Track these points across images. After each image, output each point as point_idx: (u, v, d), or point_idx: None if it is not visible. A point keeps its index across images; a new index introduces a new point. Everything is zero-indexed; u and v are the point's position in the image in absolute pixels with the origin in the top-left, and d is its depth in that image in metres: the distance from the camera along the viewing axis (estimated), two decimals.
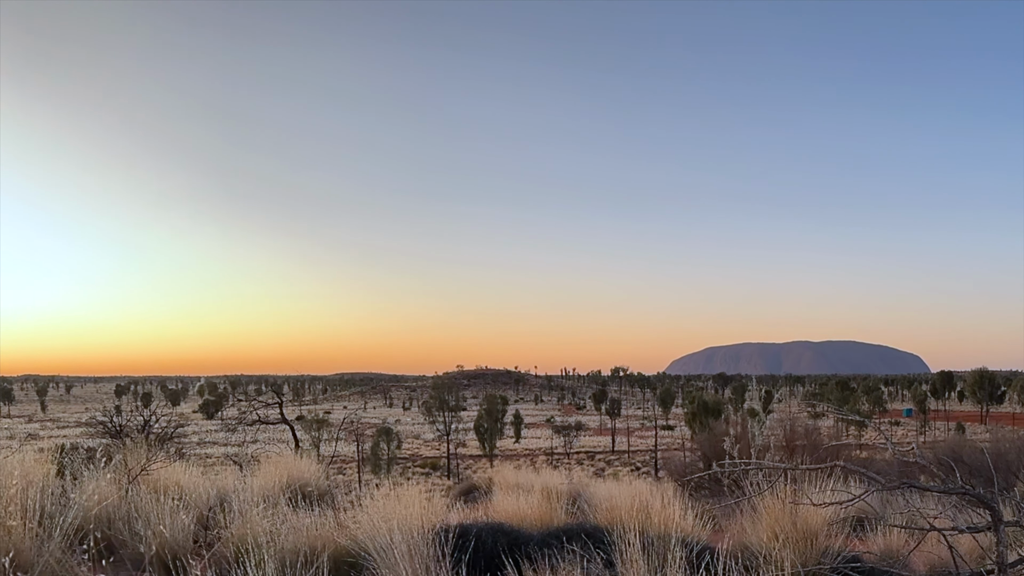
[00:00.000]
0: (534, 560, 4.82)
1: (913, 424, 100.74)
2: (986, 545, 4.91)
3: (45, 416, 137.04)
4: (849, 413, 7.36)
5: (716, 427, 22.57)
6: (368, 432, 63.22)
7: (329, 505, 7.07)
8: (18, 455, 6.67)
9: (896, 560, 5.26)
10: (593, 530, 5.66)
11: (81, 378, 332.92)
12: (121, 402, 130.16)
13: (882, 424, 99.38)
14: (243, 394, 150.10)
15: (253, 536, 5.18)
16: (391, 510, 5.48)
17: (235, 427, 21.64)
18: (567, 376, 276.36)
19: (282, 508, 5.87)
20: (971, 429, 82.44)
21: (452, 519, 6.46)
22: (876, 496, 6.45)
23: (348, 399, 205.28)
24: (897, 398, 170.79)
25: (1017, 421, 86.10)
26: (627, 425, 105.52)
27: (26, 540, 4.98)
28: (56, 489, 6.09)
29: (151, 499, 5.88)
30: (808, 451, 13.79)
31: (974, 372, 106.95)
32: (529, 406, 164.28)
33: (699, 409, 53.67)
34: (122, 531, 5.64)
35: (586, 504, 7.83)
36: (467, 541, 5.26)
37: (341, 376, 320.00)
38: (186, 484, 6.96)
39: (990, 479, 4.75)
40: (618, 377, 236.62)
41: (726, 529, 6.52)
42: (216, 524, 5.94)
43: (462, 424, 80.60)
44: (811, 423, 22.96)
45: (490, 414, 73.85)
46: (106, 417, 12.56)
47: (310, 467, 8.62)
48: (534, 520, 6.56)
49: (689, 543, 5.01)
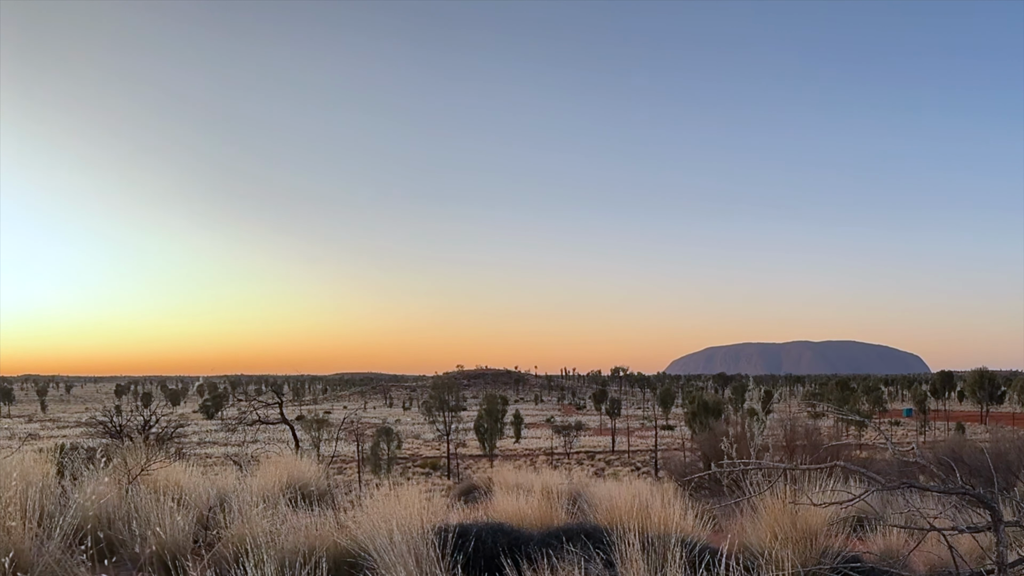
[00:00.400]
0: (534, 560, 4.81)
1: (913, 424, 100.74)
2: (986, 545, 4.91)
3: (45, 416, 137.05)
4: (849, 413, 7.32)
5: (716, 427, 22.55)
6: (368, 432, 63.19)
7: (329, 505, 7.07)
8: (18, 455, 6.67)
9: (896, 560, 5.26)
10: (593, 530, 5.65)
11: (81, 378, 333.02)
12: (121, 402, 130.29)
13: (882, 424, 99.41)
14: (243, 394, 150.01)
15: (253, 536, 5.18)
16: (391, 510, 5.48)
17: (235, 427, 21.63)
18: (567, 376, 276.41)
19: (282, 508, 5.87)
20: (971, 429, 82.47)
21: (452, 519, 6.46)
22: (876, 496, 6.45)
23: (348, 399, 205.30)
24: (897, 398, 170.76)
25: (1017, 421, 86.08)
26: (627, 425, 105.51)
27: (26, 540, 4.98)
28: (56, 489, 6.09)
29: (151, 499, 5.89)
30: (808, 451, 13.78)
31: (974, 372, 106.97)
32: (529, 406, 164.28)
33: (699, 409, 53.74)
34: (122, 531, 5.64)
35: (586, 504, 7.82)
36: (467, 541, 5.26)
37: (341, 376, 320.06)
38: (186, 484, 6.96)
39: (990, 479, 4.75)
40: (618, 377, 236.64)
41: (726, 529, 6.52)
42: (216, 524, 5.94)
43: (462, 424, 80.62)
44: (811, 423, 22.96)
45: (490, 414, 73.85)
46: (106, 417, 12.56)
47: (310, 467, 8.62)
48: (534, 520, 6.55)
49: (689, 543, 5.01)
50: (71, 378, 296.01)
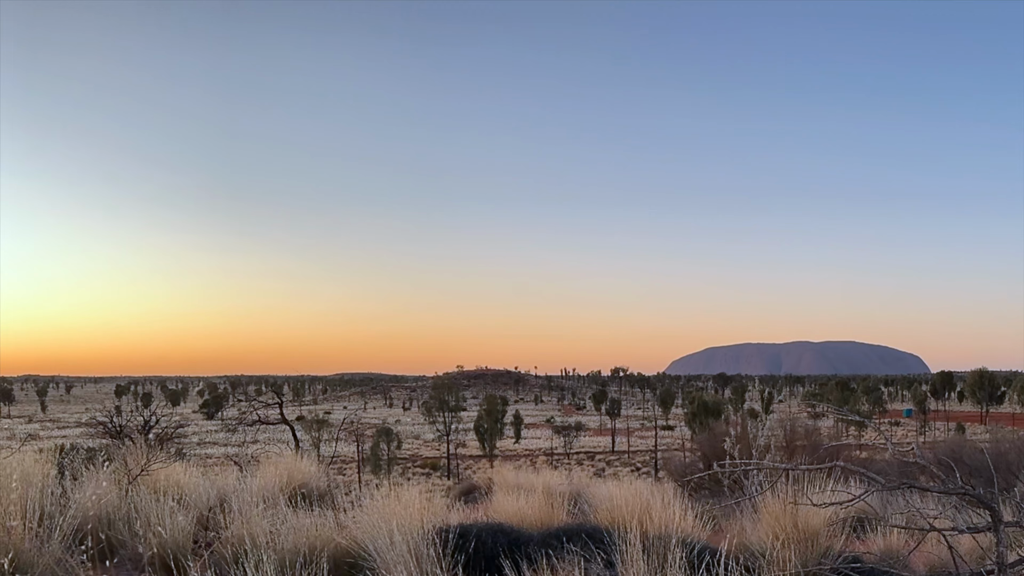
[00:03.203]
0: (534, 560, 4.82)
1: (913, 424, 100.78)
2: (986, 545, 4.92)
3: (45, 416, 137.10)
4: (849, 413, 7.26)
5: (716, 427, 22.58)
6: (368, 432, 63.23)
7: (329, 505, 7.06)
8: (18, 455, 6.67)
9: (896, 560, 5.26)
10: (593, 530, 5.65)
11: (81, 378, 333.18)
12: (121, 402, 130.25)
13: (882, 424, 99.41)
14: (243, 394, 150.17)
15: (253, 536, 5.19)
16: (391, 510, 5.48)
17: (235, 427, 21.63)
18: (567, 376, 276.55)
19: (282, 508, 5.86)
20: (971, 429, 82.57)
21: (452, 519, 6.47)
22: (876, 496, 6.46)
23: (348, 399, 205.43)
24: (897, 398, 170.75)
25: (1017, 421, 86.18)
26: (627, 425, 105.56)
27: (26, 541, 4.98)
28: (56, 490, 6.09)
29: (151, 499, 5.89)
30: (808, 451, 13.80)
31: (974, 372, 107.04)
32: (529, 406, 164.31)
33: (699, 409, 53.83)
34: (122, 531, 5.64)
35: (586, 504, 7.83)
36: (467, 541, 5.27)
37: (341, 376, 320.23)
38: (186, 484, 6.96)
39: (990, 479, 4.76)
40: (618, 377, 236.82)
41: (726, 529, 6.52)
42: (216, 524, 5.95)
43: (462, 424, 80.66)
44: (811, 423, 23.02)
45: (490, 414, 73.92)
46: (106, 417, 12.53)
47: (310, 467, 8.61)
48: (534, 520, 6.55)
49: (689, 543, 5.01)
50: (71, 378, 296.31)
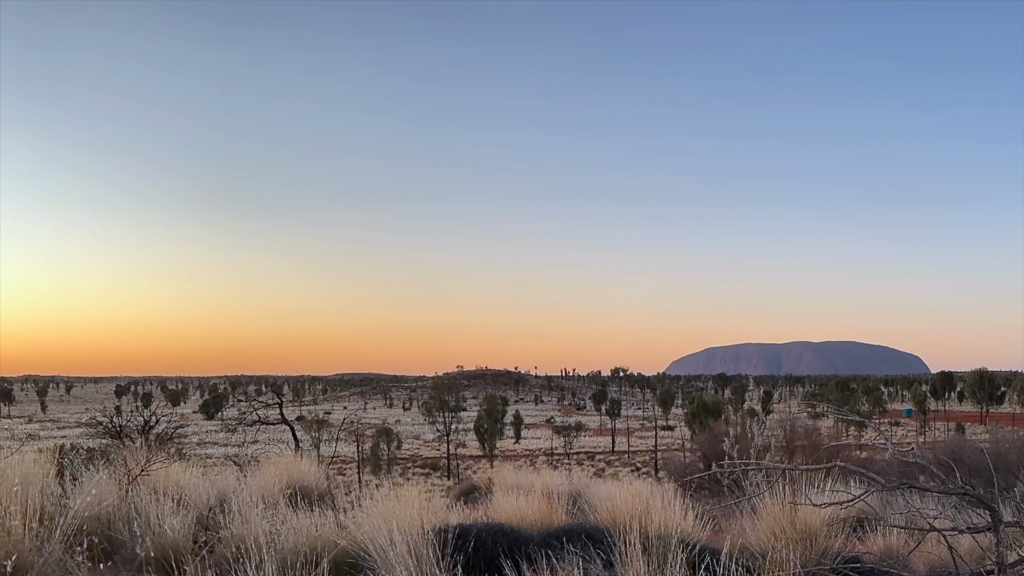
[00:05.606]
0: (534, 561, 4.82)
1: (913, 424, 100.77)
2: (986, 545, 4.91)
3: (45, 416, 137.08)
4: (849, 413, 7.24)
5: (716, 427, 22.60)
6: (368, 433, 63.20)
7: (329, 506, 7.07)
8: (18, 456, 6.68)
9: (896, 560, 5.26)
10: (593, 530, 5.66)
11: (81, 378, 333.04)
12: (121, 402, 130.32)
13: (882, 424, 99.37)
14: (243, 394, 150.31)
15: (253, 537, 5.18)
16: (391, 511, 5.48)
17: (235, 427, 21.67)
18: (567, 376, 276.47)
19: (282, 509, 5.87)
20: (971, 429, 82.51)
21: (452, 519, 6.47)
22: (876, 496, 6.45)
23: (348, 399, 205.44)
24: (897, 398, 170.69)
25: (1017, 421, 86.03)
26: (627, 425, 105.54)
27: (26, 541, 4.98)
28: (56, 490, 6.10)
29: (151, 500, 5.89)
30: (808, 451, 13.81)
31: (974, 372, 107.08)
32: (529, 406, 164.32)
33: (699, 409, 53.76)
34: (122, 532, 5.65)
35: (586, 504, 7.82)
36: (467, 542, 5.27)
37: (341, 376, 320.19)
38: (186, 485, 6.96)
39: (990, 479, 4.76)
40: (618, 377, 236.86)
41: (726, 529, 6.52)
42: (216, 525, 5.95)
43: (462, 424, 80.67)
44: (811, 423, 22.99)
45: (490, 414, 73.90)
46: (106, 418, 12.54)
47: (310, 468, 8.62)
48: (534, 520, 6.55)
49: (689, 543, 5.02)
50: (71, 378, 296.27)
